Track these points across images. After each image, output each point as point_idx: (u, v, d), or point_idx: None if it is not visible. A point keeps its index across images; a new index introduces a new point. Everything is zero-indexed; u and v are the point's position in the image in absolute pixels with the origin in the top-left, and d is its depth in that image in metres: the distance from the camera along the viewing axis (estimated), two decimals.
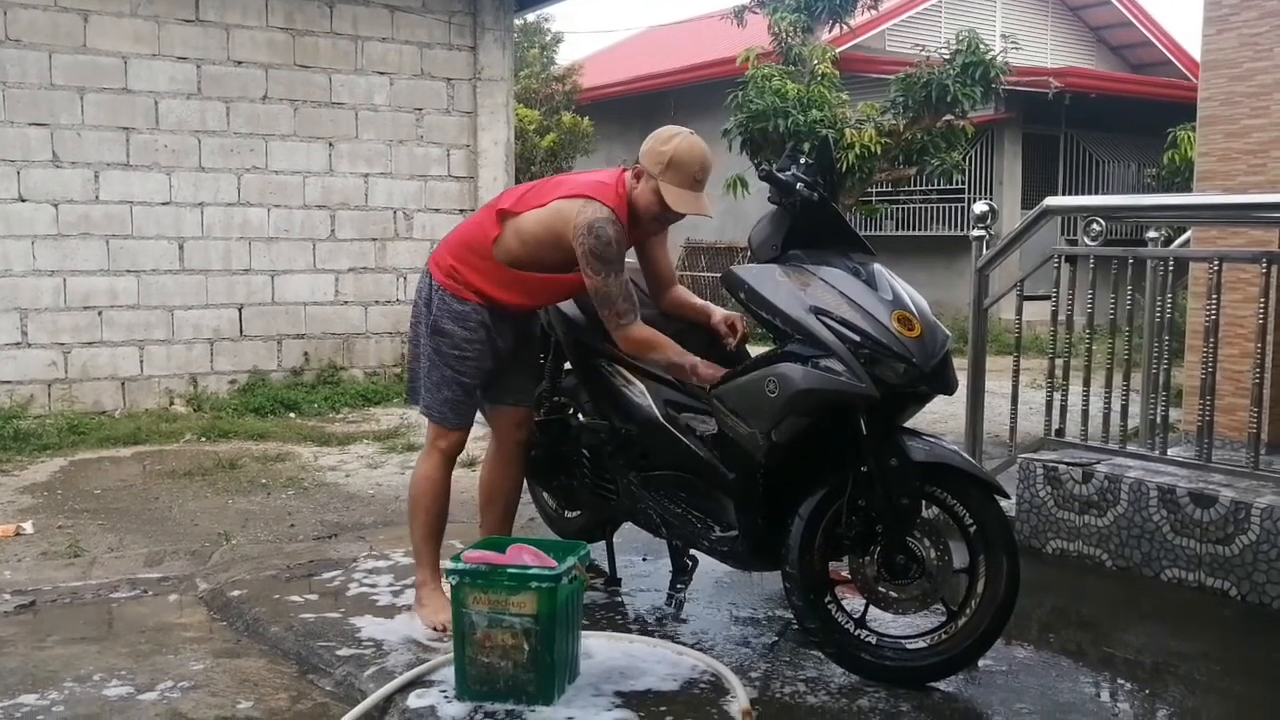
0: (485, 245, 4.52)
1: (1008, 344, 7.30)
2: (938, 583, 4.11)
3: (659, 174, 4.33)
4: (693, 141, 4.37)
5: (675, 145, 4.34)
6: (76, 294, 9.77)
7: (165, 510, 6.90)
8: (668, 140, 4.37)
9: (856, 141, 13.56)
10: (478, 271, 4.54)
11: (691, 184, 4.34)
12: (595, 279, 4.32)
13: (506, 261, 4.51)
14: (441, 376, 4.61)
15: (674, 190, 4.33)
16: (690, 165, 4.33)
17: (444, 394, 4.63)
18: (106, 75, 9.80)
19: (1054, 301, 6.19)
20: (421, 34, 11.32)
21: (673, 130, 4.44)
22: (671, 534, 4.72)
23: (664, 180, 4.32)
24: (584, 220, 4.29)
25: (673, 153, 4.32)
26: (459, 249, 4.62)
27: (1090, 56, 24.44)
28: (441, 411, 4.67)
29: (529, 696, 3.86)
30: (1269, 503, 5.05)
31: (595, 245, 4.26)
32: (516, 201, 4.54)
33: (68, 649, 4.62)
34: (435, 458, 4.75)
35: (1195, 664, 4.42)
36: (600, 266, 4.29)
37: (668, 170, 4.32)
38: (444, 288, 4.58)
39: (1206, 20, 7.49)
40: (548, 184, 4.60)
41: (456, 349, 4.57)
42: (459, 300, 4.55)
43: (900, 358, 3.94)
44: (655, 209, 4.38)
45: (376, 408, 10.54)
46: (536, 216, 4.44)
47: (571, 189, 4.45)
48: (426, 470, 4.77)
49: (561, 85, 21.66)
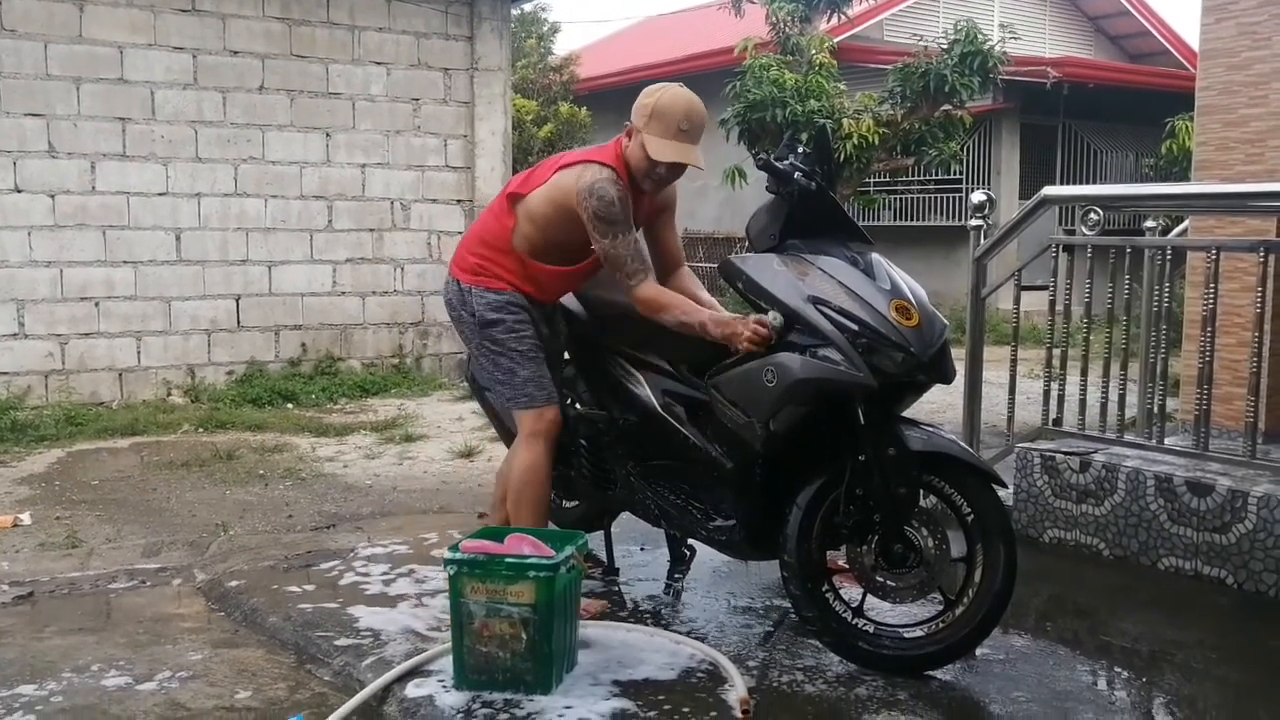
0: (504, 237, 4.48)
1: (1005, 333, 7.32)
2: (935, 572, 4.12)
3: (643, 126, 4.29)
4: (676, 91, 4.33)
5: (658, 96, 4.30)
6: (73, 285, 9.77)
7: (163, 501, 6.90)
8: (652, 93, 4.33)
9: (854, 131, 13.54)
10: (501, 265, 4.49)
11: (675, 133, 4.26)
12: (603, 241, 4.27)
13: (526, 252, 4.46)
14: (511, 360, 4.49)
15: (656, 141, 4.26)
16: (673, 113, 4.26)
17: (520, 375, 4.49)
18: (102, 65, 9.79)
19: (1052, 291, 6.19)
20: (418, 24, 11.31)
21: (660, 85, 4.41)
22: (669, 524, 4.72)
23: (648, 132, 4.27)
24: (584, 184, 4.25)
25: (654, 103, 4.28)
26: (478, 246, 4.56)
27: (1088, 46, 24.45)
28: (527, 393, 4.50)
29: (527, 686, 3.86)
30: (1265, 491, 5.06)
31: (598, 206, 4.21)
32: (522, 183, 4.50)
33: (66, 639, 4.62)
34: (537, 445, 4.52)
35: (1192, 652, 4.43)
36: (605, 228, 4.24)
37: (650, 121, 4.27)
38: (474, 285, 4.52)
39: (1205, 9, 7.48)
40: (549, 161, 4.55)
41: (511, 331, 4.48)
42: (494, 291, 4.49)
43: (898, 347, 3.94)
44: (645, 164, 4.31)
45: (374, 398, 10.53)
46: (542, 194, 4.40)
47: (571, 159, 4.44)
48: (529, 459, 4.52)
49: (559, 75, 21.64)
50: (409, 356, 11.46)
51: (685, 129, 4.27)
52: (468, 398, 9.56)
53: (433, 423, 9.38)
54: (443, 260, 11.47)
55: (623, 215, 4.25)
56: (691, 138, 4.28)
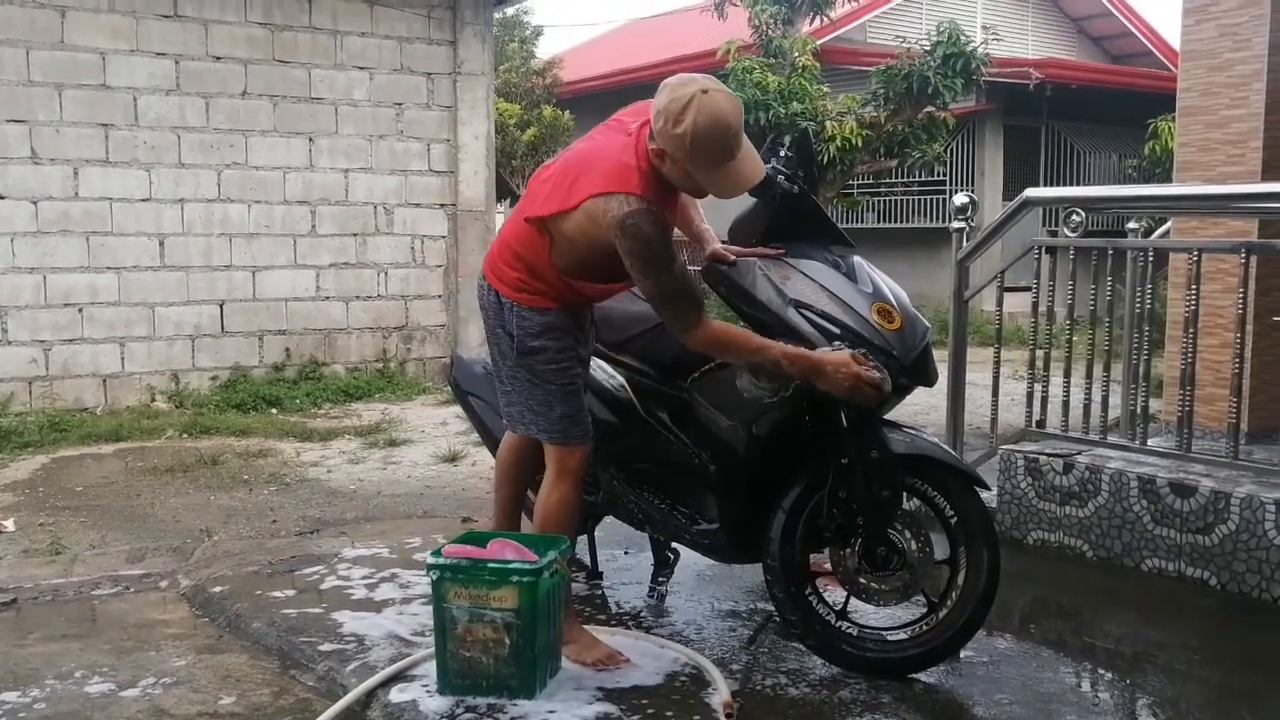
0: (543, 255, 4.06)
1: (989, 335, 7.34)
2: (919, 574, 4.12)
3: (684, 160, 3.76)
4: (709, 108, 3.71)
5: (690, 125, 3.69)
6: (57, 291, 9.74)
7: (147, 507, 6.88)
8: (679, 117, 3.70)
9: (837, 134, 13.59)
10: (543, 281, 4.09)
11: (727, 158, 3.77)
12: (645, 282, 3.85)
13: (567, 271, 4.06)
14: (548, 394, 4.17)
15: (706, 175, 3.80)
16: (719, 140, 3.73)
17: (556, 411, 4.17)
18: (85, 71, 9.76)
19: (1035, 293, 6.20)
20: (401, 28, 11.30)
21: (682, 94, 3.74)
22: (653, 527, 4.72)
23: (693, 167, 3.78)
24: (613, 219, 3.77)
25: (691, 136, 3.70)
26: (516, 262, 4.13)
27: (1071, 48, 24.50)
28: (563, 429, 4.20)
29: (511, 691, 3.86)
30: (1248, 492, 5.07)
31: (635, 247, 3.76)
32: (542, 203, 4.02)
33: (49, 646, 4.60)
34: (569, 481, 4.23)
35: (1175, 653, 4.44)
36: (647, 267, 3.80)
37: (692, 155, 3.75)
38: (517, 302, 4.13)
39: (1186, 10, 7.50)
40: (565, 175, 4.00)
41: (553, 362, 4.14)
42: (538, 311, 4.12)
43: (880, 350, 3.94)
44: (699, 189, 3.91)
45: (358, 403, 10.52)
46: (574, 222, 3.91)
47: (592, 184, 3.86)
48: (563, 495, 4.23)
49: (542, 79, 21.65)
50: (393, 361, 11.45)
51: (733, 145, 3.77)
52: (451, 402, 9.56)
53: (416, 427, 9.37)
54: (426, 265, 11.49)
55: (663, 249, 3.80)
56: (738, 145, 3.79)
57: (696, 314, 3.88)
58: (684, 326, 3.89)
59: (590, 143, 4.14)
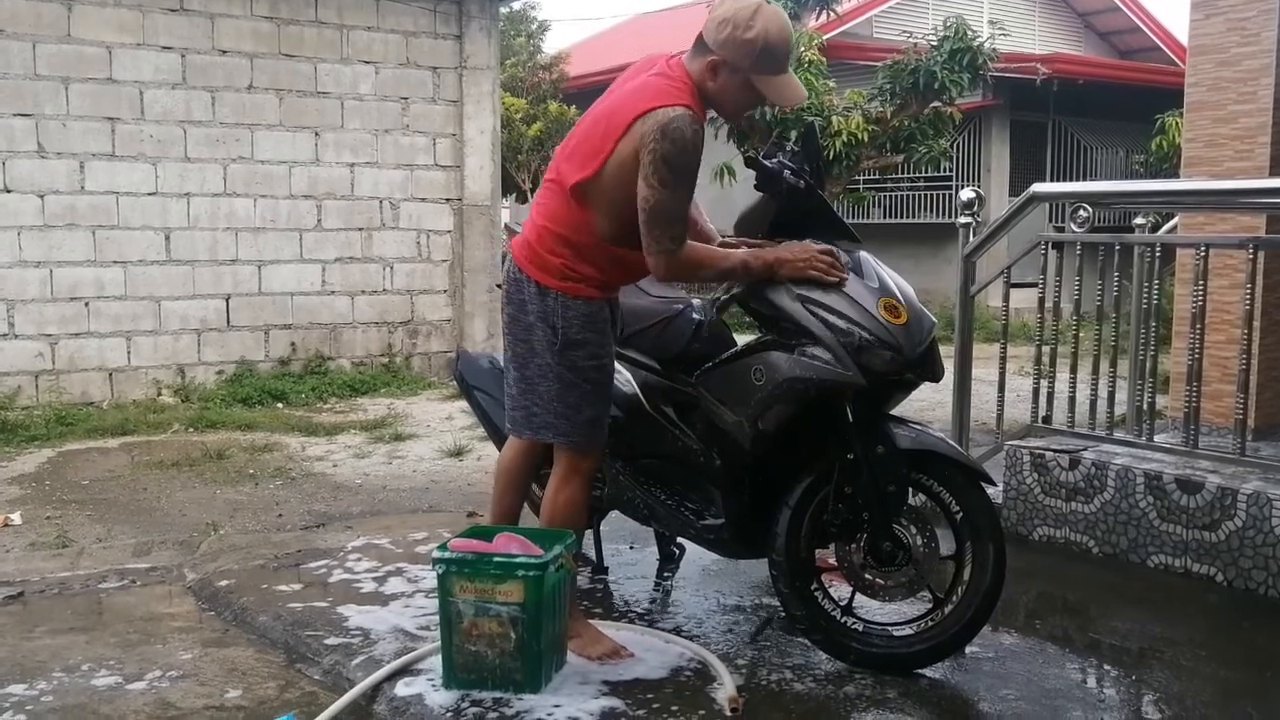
0: (587, 230, 3.94)
1: (995, 331, 7.31)
2: (924, 570, 4.12)
3: (749, 67, 3.78)
4: (773, 18, 3.78)
5: (762, 29, 3.74)
6: (63, 285, 9.76)
7: (153, 501, 6.89)
8: (748, 24, 3.74)
9: (843, 129, 13.56)
10: (591, 261, 3.97)
11: (786, 66, 3.85)
12: (660, 190, 3.71)
13: (615, 240, 3.93)
14: (581, 395, 4.03)
15: (775, 83, 3.84)
16: (784, 47, 3.81)
17: (585, 414, 4.05)
18: (91, 65, 9.77)
19: (1041, 288, 6.20)
20: (407, 23, 11.30)
21: (747, 6, 3.77)
22: (658, 522, 4.71)
23: (757, 74, 3.79)
24: (659, 121, 3.67)
25: (763, 40, 3.74)
26: (558, 242, 3.97)
27: (1078, 43, 24.48)
28: (586, 434, 4.08)
29: (516, 685, 3.86)
30: (1255, 488, 5.06)
31: (670, 151, 3.66)
32: (581, 165, 3.88)
33: (56, 639, 4.61)
34: (578, 483, 4.15)
35: (1181, 649, 4.43)
36: (670, 176, 3.69)
37: (760, 61, 3.77)
38: (563, 291, 3.96)
39: (1194, 5, 7.47)
40: (595, 129, 3.89)
41: (594, 358, 4.02)
42: (585, 301, 3.99)
43: (887, 345, 3.93)
44: (748, 103, 3.97)
45: (363, 398, 10.53)
46: (617, 163, 3.78)
47: (638, 106, 3.76)
48: (572, 495, 4.15)
49: (548, 74, 21.66)
50: (398, 356, 11.46)
51: (790, 55, 3.88)
52: (457, 397, 9.57)
53: (422, 422, 9.38)
54: (431, 259, 11.50)
55: (691, 164, 3.75)
56: (791, 59, 3.89)
57: (685, 236, 3.87)
58: (670, 247, 3.82)
59: (605, 101, 4.00)
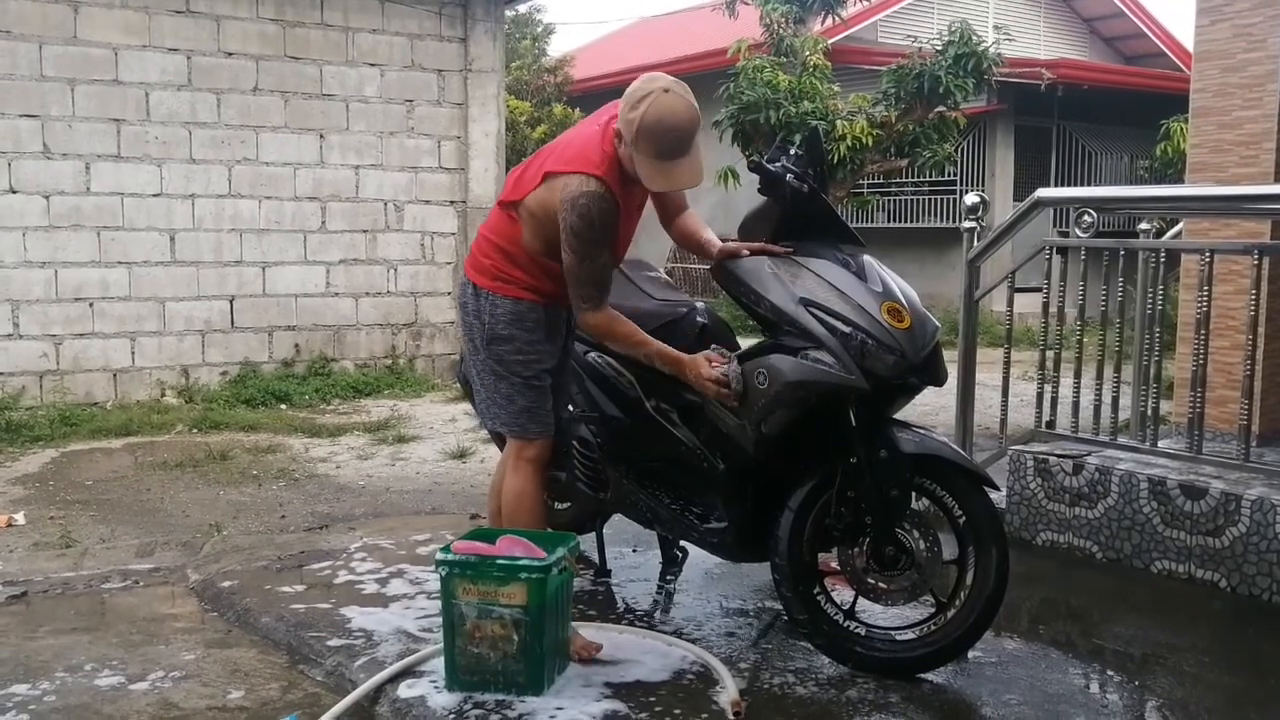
0: (515, 239, 4.16)
1: (998, 336, 7.33)
2: (927, 574, 4.11)
3: (631, 143, 3.89)
4: (663, 104, 3.85)
5: (643, 111, 3.84)
6: (68, 285, 9.76)
7: (157, 501, 6.89)
8: (638, 103, 3.87)
9: (848, 133, 13.54)
10: (520, 267, 4.18)
11: (667, 154, 3.88)
12: (570, 257, 3.96)
13: (539, 251, 4.13)
14: (511, 386, 4.23)
15: (647, 165, 3.90)
16: (661, 135, 3.85)
17: (518, 404, 4.24)
18: (97, 67, 9.78)
19: (1045, 293, 6.20)
20: (412, 25, 11.31)
21: (646, 87, 3.90)
22: (661, 526, 4.72)
23: (637, 152, 3.89)
24: (568, 194, 3.90)
25: (639, 120, 3.85)
26: (491, 251, 4.23)
27: (1083, 48, 24.45)
28: (520, 423, 4.26)
29: (519, 687, 3.86)
30: (1259, 494, 5.06)
31: (575, 223, 3.89)
32: (514, 188, 4.18)
33: (59, 639, 4.62)
34: (525, 470, 4.30)
35: (1184, 656, 4.43)
36: (578, 244, 3.92)
37: (638, 140, 3.87)
38: (492, 291, 4.20)
39: (1200, 11, 7.48)
40: (536, 159, 4.19)
41: (520, 353, 4.21)
42: (513, 300, 4.19)
43: (890, 349, 3.94)
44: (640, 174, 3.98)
45: (367, 399, 10.53)
46: (535, 198, 4.06)
47: (556, 163, 4.04)
48: (518, 485, 4.30)
49: (553, 77, 21.67)
50: (402, 357, 11.46)
51: (676, 148, 3.88)
52: (460, 399, 9.58)
53: (425, 424, 9.38)
54: (435, 261, 11.50)
55: (599, 237, 3.95)
56: (682, 149, 3.90)
57: (601, 300, 4.08)
58: (587, 307, 4.08)
59: (566, 134, 4.32)
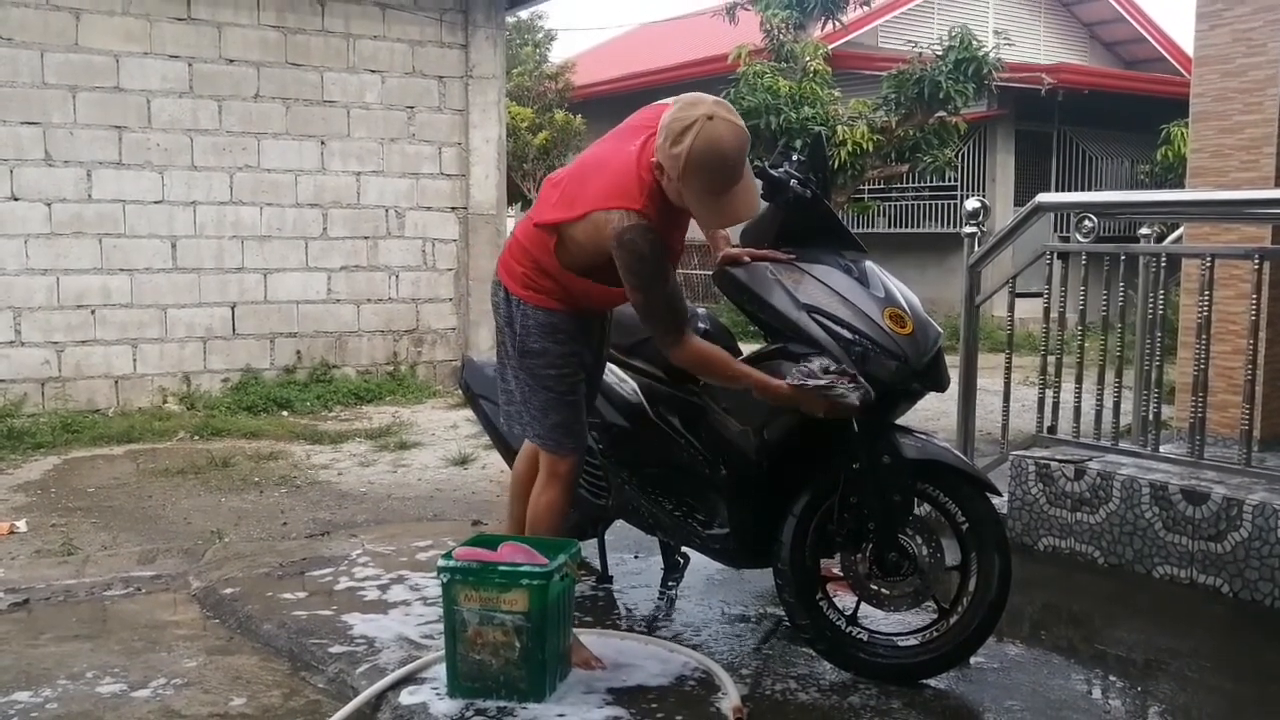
0: (549, 253, 4.04)
1: (1000, 341, 7.32)
2: (929, 580, 4.12)
3: (678, 180, 3.74)
4: (710, 134, 3.68)
5: (689, 144, 3.67)
6: (70, 293, 9.76)
7: (158, 508, 6.89)
8: (681, 134, 3.69)
9: (849, 138, 13.57)
10: (552, 278, 4.07)
11: (720, 187, 3.75)
12: (634, 294, 3.85)
13: (573, 269, 4.03)
14: (545, 400, 4.15)
15: (698, 201, 3.78)
16: (712, 168, 3.71)
17: (551, 419, 4.16)
18: (98, 74, 9.79)
19: (1046, 298, 6.20)
20: (413, 32, 11.31)
21: (687, 115, 3.71)
22: (663, 532, 4.72)
23: (686, 188, 3.75)
24: (612, 232, 3.78)
25: (685, 155, 3.69)
26: (525, 257, 4.13)
27: (1083, 53, 24.47)
28: (555, 438, 4.18)
29: (520, 694, 3.86)
30: (1261, 499, 5.06)
31: (629, 260, 3.78)
32: (551, 209, 4.04)
33: (61, 646, 4.62)
34: (557, 487, 4.23)
35: (1187, 661, 4.43)
36: (637, 281, 3.82)
37: (686, 176, 3.72)
38: (525, 300, 4.12)
39: (1199, 15, 7.48)
40: (572, 182, 4.04)
41: (552, 367, 4.13)
42: (545, 311, 4.10)
43: (892, 355, 3.94)
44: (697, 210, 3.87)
45: (369, 406, 10.53)
46: (581, 230, 3.92)
47: (597, 196, 3.88)
48: (550, 500, 4.25)
49: (554, 83, 21.67)
50: (403, 364, 11.46)
51: (731, 174, 3.74)
52: (462, 405, 9.58)
53: (427, 430, 9.38)
54: (436, 268, 11.50)
55: (655, 269, 3.83)
56: (735, 178, 3.76)
57: (680, 331, 3.92)
58: (668, 342, 3.94)
59: (600, 149, 4.14)
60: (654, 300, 3.86)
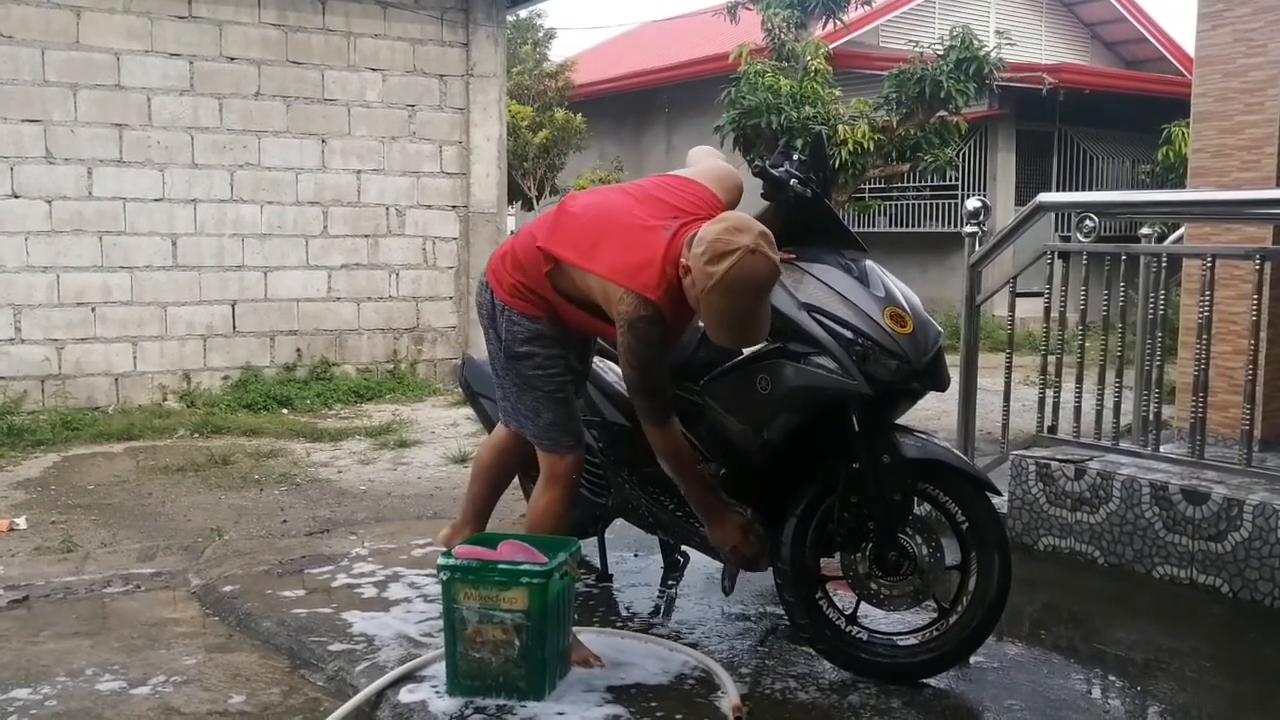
0: (540, 274, 4.07)
1: (1000, 340, 7.32)
2: (929, 579, 4.11)
3: (701, 294, 3.68)
4: (748, 268, 3.63)
5: (725, 269, 3.61)
6: (70, 290, 9.77)
7: (158, 506, 6.89)
8: (720, 257, 3.63)
9: (849, 138, 13.53)
10: (538, 294, 4.12)
11: (740, 315, 3.71)
12: (630, 371, 3.90)
13: (566, 298, 4.08)
14: (535, 400, 4.20)
15: (714, 316, 3.73)
16: (738, 297, 3.66)
17: (545, 418, 4.21)
18: (99, 72, 9.79)
19: (1047, 298, 6.19)
20: (414, 30, 11.31)
21: (732, 241, 3.64)
22: (663, 530, 4.72)
23: (706, 302, 3.69)
24: (623, 312, 3.81)
25: (718, 277, 3.62)
26: (516, 268, 4.17)
27: (1084, 53, 24.46)
28: (551, 436, 4.22)
29: (520, 692, 3.86)
30: (1261, 499, 5.06)
31: (632, 343, 3.83)
32: (562, 244, 4.02)
33: (61, 644, 4.61)
34: (557, 488, 4.26)
35: (1186, 661, 4.43)
36: (636, 362, 3.86)
37: (712, 293, 3.65)
38: (510, 306, 4.17)
39: (1200, 16, 7.48)
40: (594, 226, 4.00)
41: (540, 369, 4.17)
42: (529, 318, 4.15)
43: (893, 354, 3.93)
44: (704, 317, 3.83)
45: (369, 404, 10.54)
46: (586, 282, 3.95)
47: (615, 267, 3.88)
48: (550, 502, 4.28)
49: (554, 81, 21.66)
50: (404, 362, 11.46)
51: (751, 305, 3.70)
52: (462, 403, 9.58)
53: (427, 428, 9.38)
54: (437, 266, 11.51)
55: (655, 355, 3.87)
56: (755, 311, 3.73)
57: (666, 413, 3.99)
58: (651, 421, 3.99)
59: (630, 206, 4.07)
60: (647, 382, 3.93)
